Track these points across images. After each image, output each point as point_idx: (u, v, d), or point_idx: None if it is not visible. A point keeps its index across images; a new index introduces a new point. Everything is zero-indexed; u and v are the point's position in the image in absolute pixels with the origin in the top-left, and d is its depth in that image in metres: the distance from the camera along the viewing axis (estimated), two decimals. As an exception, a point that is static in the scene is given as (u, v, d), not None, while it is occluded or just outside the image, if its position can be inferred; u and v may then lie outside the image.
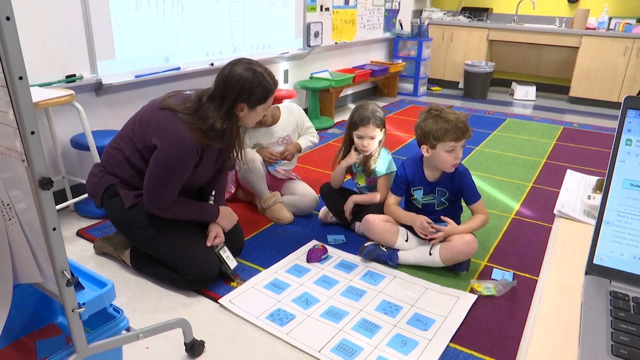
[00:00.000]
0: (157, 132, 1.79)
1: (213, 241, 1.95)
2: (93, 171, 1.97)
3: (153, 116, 1.84)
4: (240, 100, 1.82)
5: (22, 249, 1.16)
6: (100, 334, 1.35)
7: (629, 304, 0.66)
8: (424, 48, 5.65)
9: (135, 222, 1.88)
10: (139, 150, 1.85)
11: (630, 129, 0.71)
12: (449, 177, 2.08)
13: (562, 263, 0.83)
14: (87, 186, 1.98)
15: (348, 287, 1.97)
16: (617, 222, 0.73)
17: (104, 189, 1.90)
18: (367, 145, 2.27)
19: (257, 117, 1.94)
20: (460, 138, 1.96)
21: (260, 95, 1.85)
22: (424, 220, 2.04)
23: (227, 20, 3.47)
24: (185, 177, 1.85)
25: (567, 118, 4.93)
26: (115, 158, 1.90)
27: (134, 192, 1.89)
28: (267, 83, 1.85)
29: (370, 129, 2.24)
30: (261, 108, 1.89)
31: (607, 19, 5.32)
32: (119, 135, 1.94)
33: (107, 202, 1.91)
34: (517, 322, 1.77)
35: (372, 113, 2.25)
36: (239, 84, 1.80)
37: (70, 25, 2.51)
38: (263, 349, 1.62)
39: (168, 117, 1.80)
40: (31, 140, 0.95)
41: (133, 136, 1.86)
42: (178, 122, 1.79)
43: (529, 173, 3.30)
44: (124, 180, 1.89)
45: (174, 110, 1.81)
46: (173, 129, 1.78)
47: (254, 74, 1.82)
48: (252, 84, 1.81)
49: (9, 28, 0.87)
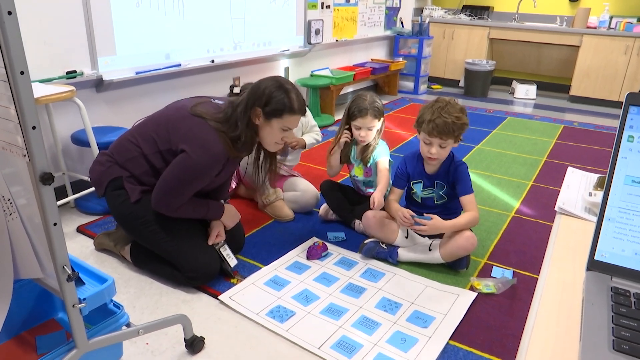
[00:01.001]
0: (187, 138, 1.78)
1: (214, 239, 1.95)
2: (99, 160, 1.94)
3: (184, 122, 1.83)
4: (257, 104, 1.81)
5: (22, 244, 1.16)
6: (101, 329, 1.36)
7: (630, 299, 0.66)
8: (425, 46, 5.65)
9: (139, 217, 1.87)
10: (160, 151, 1.83)
11: (632, 126, 0.71)
12: (447, 169, 2.08)
13: (563, 259, 0.84)
14: (91, 174, 1.95)
15: (348, 284, 1.97)
16: (618, 218, 0.73)
17: (110, 180, 1.88)
18: (365, 136, 2.27)
19: (273, 137, 1.88)
20: (432, 134, 1.94)
21: (277, 107, 1.81)
22: (406, 211, 2.04)
23: (228, 17, 3.46)
24: (204, 184, 1.85)
25: (568, 117, 4.92)
26: (129, 152, 1.87)
27: (141, 187, 1.87)
28: (288, 99, 1.82)
29: (368, 119, 2.23)
30: (276, 124, 1.84)
31: (608, 17, 5.31)
32: (138, 131, 1.91)
33: (111, 194, 1.89)
34: (517, 320, 1.77)
35: (371, 104, 2.24)
36: (261, 90, 1.81)
37: (71, 22, 2.51)
38: (263, 346, 1.63)
39: (200, 124, 1.80)
40: (32, 135, 0.95)
41: (156, 136, 1.84)
42: (210, 131, 1.79)
43: (530, 171, 3.30)
44: (134, 175, 1.87)
45: (205, 118, 1.81)
46: (205, 138, 1.78)
47: (279, 86, 1.82)
48: (273, 92, 1.80)
49: (10, 22, 0.87)
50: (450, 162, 2.08)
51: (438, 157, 2.00)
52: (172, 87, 3.21)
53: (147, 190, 1.87)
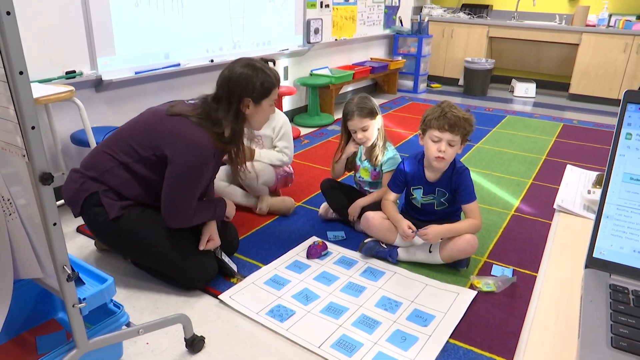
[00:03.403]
0: (171, 140, 1.74)
1: (206, 245, 1.90)
2: (72, 177, 1.84)
3: (162, 124, 1.78)
4: (245, 95, 1.80)
5: (22, 244, 1.16)
6: (101, 329, 1.36)
7: (628, 297, 0.66)
8: (424, 45, 5.64)
9: (121, 234, 1.79)
10: (142, 158, 1.77)
11: (630, 123, 0.71)
12: (449, 177, 2.06)
13: (561, 257, 0.84)
14: (65, 193, 1.83)
15: (348, 283, 1.98)
16: (616, 215, 0.73)
17: (85, 197, 1.78)
18: (363, 137, 2.27)
19: (264, 115, 1.91)
20: (443, 128, 1.92)
21: (264, 89, 1.83)
22: (406, 227, 2.04)
23: (227, 16, 3.46)
24: (207, 180, 1.81)
25: (567, 115, 4.92)
26: (105, 164, 1.78)
27: (120, 202, 1.78)
28: (268, 76, 1.83)
29: (357, 121, 2.23)
30: (266, 103, 1.87)
31: (607, 15, 5.31)
32: (112, 142, 1.83)
33: (90, 212, 1.79)
34: (517, 318, 1.77)
35: (357, 105, 2.23)
36: (240, 80, 1.79)
37: (71, 22, 2.51)
38: (263, 345, 1.63)
39: (181, 122, 1.77)
40: (32, 135, 0.96)
41: (135, 144, 1.78)
42: (193, 126, 1.76)
43: (529, 170, 3.30)
44: (112, 188, 1.78)
45: (185, 115, 1.78)
46: (189, 135, 1.74)
47: (254, 69, 1.82)
48: (254, 78, 1.80)
49: (9, 23, 0.87)
50: (453, 169, 2.05)
51: (446, 156, 1.95)
52: (171, 86, 3.21)
53: (128, 205, 1.80)
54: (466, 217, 2.07)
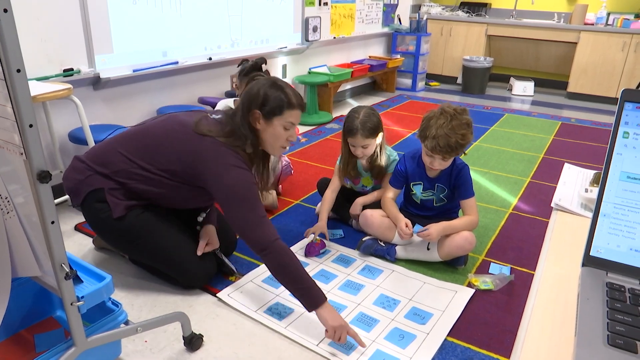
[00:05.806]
0: (207, 163, 1.69)
1: (204, 248, 1.90)
2: (76, 166, 1.80)
3: (192, 143, 1.72)
4: (254, 106, 1.73)
5: (20, 242, 1.16)
6: (99, 327, 1.36)
7: (625, 295, 0.67)
8: (423, 43, 5.64)
9: (123, 234, 1.79)
10: (165, 169, 1.74)
11: (628, 122, 0.72)
12: (449, 173, 2.07)
13: (559, 255, 0.84)
14: (66, 182, 1.81)
15: (346, 281, 1.98)
16: (613, 214, 0.73)
17: (89, 191, 1.76)
18: (360, 153, 2.23)
19: (276, 137, 1.78)
20: (434, 152, 1.91)
21: (275, 104, 1.73)
22: (404, 225, 2.04)
23: (226, 14, 3.46)
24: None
25: (565, 113, 4.93)
26: (117, 164, 1.76)
27: (126, 202, 1.76)
28: (285, 95, 1.74)
29: (359, 139, 2.16)
30: (278, 122, 1.75)
31: (605, 14, 5.31)
32: (129, 143, 1.79)
33: (92, 207, 1.77)
34: (515, 316, 1.78)
35: (362, 123, 2.13)
36: (254, 91, 1.74)
37: (68, 19, 2.50)
38: (261, 343, 1.63)
39: (214, 145, 1.71)
40: (29, 133, 0.95)
41: (158, 153, 1.75)
42: (225, 149, 1.71)
43: (527, 168, 3.31)
44: (120, 188, 1.76)
45: (213, 136, 1.72)
46: (225, 160, 1.69)
47: (272, 84, 1.76)
48: (268, 91, 1.73)
49: (6, 20, 0.87)
50: (453, 165, 2.06)
51: (440, 167, 1.99)
52: (169, 84, 3.20)
53: (133, 205, 1.77)
54: (464, 213, 2.08)
